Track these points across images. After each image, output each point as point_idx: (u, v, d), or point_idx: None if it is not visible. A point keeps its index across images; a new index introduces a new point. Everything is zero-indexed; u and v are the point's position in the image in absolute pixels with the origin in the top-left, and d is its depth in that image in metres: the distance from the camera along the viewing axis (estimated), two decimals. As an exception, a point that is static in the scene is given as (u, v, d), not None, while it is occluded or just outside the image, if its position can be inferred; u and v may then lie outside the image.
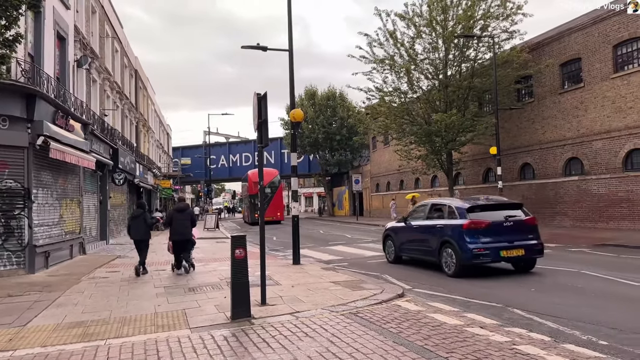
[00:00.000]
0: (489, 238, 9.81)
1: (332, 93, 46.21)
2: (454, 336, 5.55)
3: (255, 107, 7.72)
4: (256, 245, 14.86)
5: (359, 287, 8.72)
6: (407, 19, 23.52)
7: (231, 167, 58.18)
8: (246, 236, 7.17)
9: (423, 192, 34.45)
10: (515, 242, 9.88)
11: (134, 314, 7.30)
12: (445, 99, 23.68)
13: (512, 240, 9.89)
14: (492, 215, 10.18)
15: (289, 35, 13.16)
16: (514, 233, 9.99)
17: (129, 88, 28.98)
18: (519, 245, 9.87)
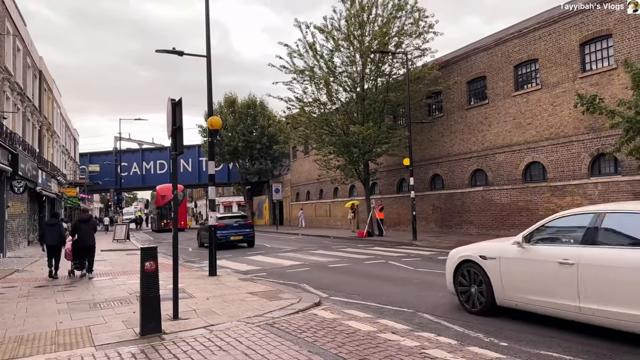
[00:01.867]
0: (226, 231, 20.85)
1: (253, 101, 45.93)
2: (367, 342, 5.68)
3: (169, 113, 7.48)
4: (170, 256, 14.32)
5: (276, 297, 8.67)
6: (326, 32, 24.02)
7: (144, 175, 55.68)
8: (157, 248, 6.89)
9: (341, 202, 35.13)
10: (239, 232, 21.49)
11: (32, 332, 6.75)
12: (363, 111, 24.40)
13: (237, 232, 21.44)
14: (229, 220, 21.86)
15: (207, 41, 12.93)
16: (238, 228, 21.64)
17: (32, 90, 26.96)
18: (240, 233, 21.58)
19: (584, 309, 5.67)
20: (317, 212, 39.56)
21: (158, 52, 14.26)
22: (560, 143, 19.20)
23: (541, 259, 6.29)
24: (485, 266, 7.11)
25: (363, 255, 16.32)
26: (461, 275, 7.59)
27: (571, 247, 6.02)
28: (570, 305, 5.84)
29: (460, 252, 7.85)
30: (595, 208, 6.25)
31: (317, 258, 15.99)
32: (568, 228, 6.43)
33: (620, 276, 5.33)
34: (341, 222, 35.03)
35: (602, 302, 5.48)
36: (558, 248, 6.20)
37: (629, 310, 5.19)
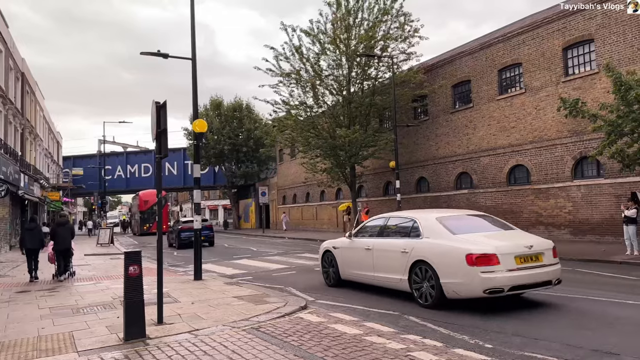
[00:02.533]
0: (190, 233, 22.27)
1: (239, 104, 45.80)
2: (353, 346, 5.67)
3: (153, 116, 7.42)
4: (154, 260, 14.19)
5: (262, 301, 8.63)
6: (313, 35, 24.08)
7: (129, 178, 55.12)
8: (141, 252, 6.82)
9: (328, 205, 35.15)
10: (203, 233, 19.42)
11: (13, 339, 6.63)
12: (349, 114, 24.47)
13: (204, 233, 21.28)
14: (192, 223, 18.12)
15: (192, 44, 12.86)
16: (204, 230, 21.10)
17: (14, 92, 26.57)
18: (205, 235, 22.63)
19: (376, 277, 9.06)
20: (303, 215, 39.52)
21: (143, 54, 14.14)
22: (544, 146, 19.45)
23: (358, 247, 9.61)
24: (334, 253, 10.41)
25: (349, 258, 16.31)
26: (324, 260, 10.86)
27: (371, 239, 9.40)
28: (369, 275, 9.22)
29: (324, 244, 11.09)
30: (387, 214, 10.18)
31: (304, 261, 15.95)
32: (373, 227, 9.77)
33: (387, 254, 8.74)
34: (328, 225, 35.04)
35: (381, 272, 8.89)
36: (366, 239, 9.52)
37: (388, 275, 8.69)
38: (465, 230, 8.11)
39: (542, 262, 7.58)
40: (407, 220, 9.02)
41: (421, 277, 7.97)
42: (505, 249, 7.41)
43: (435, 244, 7.91)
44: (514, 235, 8.29)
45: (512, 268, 7.27)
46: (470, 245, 7.45)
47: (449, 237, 7.85)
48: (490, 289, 7.14)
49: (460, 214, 9.36)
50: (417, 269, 8.03)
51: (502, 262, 7.22)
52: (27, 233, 13.70)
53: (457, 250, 7.47)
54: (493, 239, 7.80)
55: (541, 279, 7.52)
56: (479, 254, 7.23)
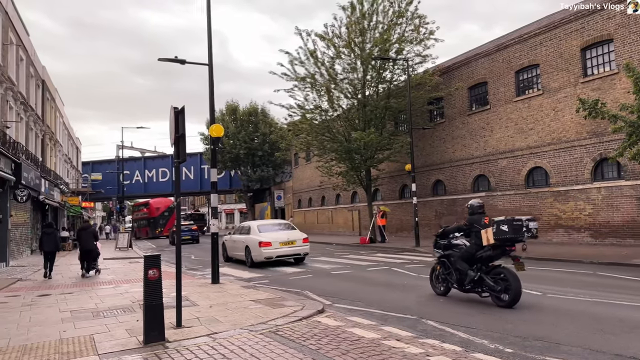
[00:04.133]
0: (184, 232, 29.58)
1: (254, 109, 46.03)
2: (371, 350, 5.65)
3: (172, 122, 7.49)
4: (173, 264, 14.32)
5: (279, 305, 8.65)
6: (327, 39, 24.11)
7: (147, 183, 55.73)
8: (160, 256, 6.89)
9: (343, 208, 35.11)
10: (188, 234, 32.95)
11: (36, 341, 6.73)
12: (364, 117, 24.44)
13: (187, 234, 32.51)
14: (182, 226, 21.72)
15: (209, 50, 12.98)
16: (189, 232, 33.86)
17: (35, 99, 27.09)
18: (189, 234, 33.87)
19: (236, 254, 17.39)
20: (319, 218, 39.52)
21: (160, 60, 14.32)
22: (563, 148, 19.19)
23: (235, 239, 17.73)
24: (225, 243, 18.72)
25: (366, 262, 16.28)
26: (222, 247, 18.58)
27: (235, 235, 18.04)
28: (236, 253, 17.43)
29: (224, 238, 18.90)
30: (244, 223, 19.69)
31: (320, 265, 15.95)
32: (237, 229, 18.93)
33: (239, 243, 17.11)
34: (343, 229, 34.99)
35: (238, 252, 17.16)
36: (235, 236, 17.94)
37: (240, 253, 16.95)
38: (265, 230, 16.62)
39: (295, 245, 16.11)
40: (247, 226, 17.77)
41: (247, 253, 16.34)
42: (276, 239, 15.91)
43: (251, 237, 16.39)
44: (287, 233, 16.63)
45: (277, 247, 15.77)
46: (261, 238, 15.92)
47: (257, 234, 16.16)
48: (267, 257, 15.64)
49: (269, 223, 18.57)
50: (246, 248, 16.41)
51: (273, 245, 15.72)
52: (45, 237, 15.34)
53: (257, 239, 15.92)
54: (273, 234, 16.19)
55: (293, 253, 16.15)
56: (262, 241, 15.78)
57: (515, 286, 7.81)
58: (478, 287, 8.47)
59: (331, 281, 12.16)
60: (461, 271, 8.65)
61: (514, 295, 7.82)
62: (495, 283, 8.10)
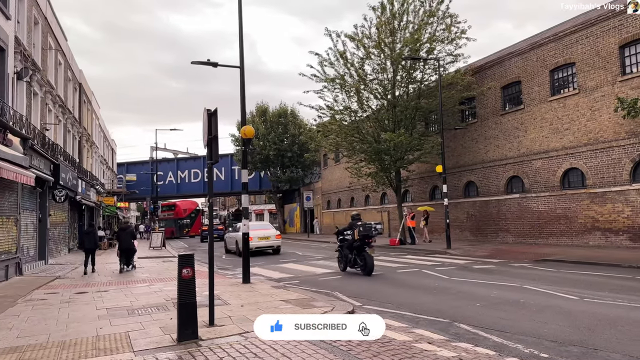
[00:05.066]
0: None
1: (284, 110, 46.33)
2: (402, 352, 5.61)
3: (205, 123, 7.61)
4: (204, 264, 14.55)
5: (309, 305, 8.68)
6: (357, 40, 24.06)
7: (179, 184, 56.79)
8: (194, 255, 7.01)
9: (372, 209, 34.96)
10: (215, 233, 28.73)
11: (74, 338, 6.94)
12: (394, 118, 24.28)
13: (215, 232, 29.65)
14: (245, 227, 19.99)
15: (240, 52, 13.14)
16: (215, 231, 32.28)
17: (72, 102, 27.95)
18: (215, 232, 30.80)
19: (231, 247, 23.53)
20: (347, 219, 39.38)
21: (194, 63, 14.56)
22: (600, 148, 18.63)
23: (231, 236, 24.20)
24: (225, 239, 26.00)
25: (395, 263, 16.17)
26: (224, 242, 26.22)
27: (234, 233, 23.26)
28: (231, 247, 23.57)
29: (225, 235, 27.35)
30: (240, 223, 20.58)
31: (350, 266, 15.90)
32: (236, 227, 24.30)
33: (233, 238, 22.69)
34: (373, 230, 34.78)
35: (232, 245, 23.12)
36: (233, 233, 23.87)
37: (234, 246, 22.51)
38: (254, 228, 21.28)
39: (270, 240, 21.94)
40: (239, 226, 21.05)
41: (237, 246, 20.74)
42: (256, 235, 20.80)
43: (239, 234, 17.92)
44: (265, 232, 22.04)
45: (257, 241, 21.00)
46: (250, 233, 14.86)
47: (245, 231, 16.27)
48: (250, 249, 15.04)
49: (255, 224, 24.91)
50: (236, 242, 20.91)
51: (254, 240, 20.18)
52: (85, 236, 17.23)
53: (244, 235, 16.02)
54: (255, 232, 20.74)
55: (268, 245, 21.94)
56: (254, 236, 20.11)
57: (369, 263, 13.06)
58: (355, 264, 13.59)
59: (360, 282, 12.13)
60: (346, 255, 13.96)
61: (369, 268, 13.02)
62: (361, 261, 13.34)
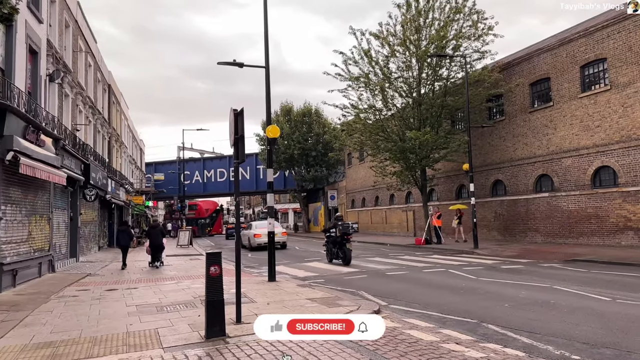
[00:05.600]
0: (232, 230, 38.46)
1: (308, 109, 46.41)
2: (430, 353, 5.57)
3: (231, 123, 7.69)
4: (230, 262, 14.70)
5: (335, 304, 8.68)
6: (382, 38, 23.91)
7: (206, 183, 57.50)
8: (221, 253, 7.09)
9: (397, 208, 34.75)
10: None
11: (105, 334, 7.11)
12: (419, 116, 24.07)
13: None
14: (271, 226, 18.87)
15: (266, 52, 13.22)
16: None
17: (102, 103, 28.58)
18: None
19: (250, 242, 25.93)
20: (372, 219, 39.32)
21: (220, 64, 14.71)
22: (633, 146, 18.10)
23: (244, 233, 26.77)
24: (243, 235, 26.40)
25: (421, 263, 16.04)
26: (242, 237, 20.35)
27: (246, 230, 27.67)
28: (247, 242, 26.40)
29: (244, 231, 27.31)
30: (252, 222, 29.84)
31: (374, 265, 15.87)
32: (249, 225, 28.60)
33: (246, 235, 26.80)
34: (398, 229, 34.62)
35: (246, 241, 26.65)
36: (245, 231, 27.70)
37: (245, 242, 26.56)
38: (259, 227, 25.63)
39: (276, 237, 16.62)
40: (250, 224, 28.43)
41: (247, 241, 26.19)
42: (264, 232, 20.21)
43: (250, 231, 26.20)
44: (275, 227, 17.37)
45: (264, 238, 19.88)
46: (256, 231, 25.42)
47: (254, 229, 24.88)
48: (259, 243, 24.04)
49: (263, 222, 25.79)
50: (248, 239, 26.07)
51: (262, 236, 23.19)
52: (120, 233, 18.55)
53: (253, 232, 25.51)
54: (263, 230, 22.89)
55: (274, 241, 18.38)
56: (256, 233, 25.25)
57: (348, 255, 16.10)
58: (338, 257, 16.54)
59: (386, 282, 12.08)
60: (331, 249, 17.01)
61: (347, 259, 16.06)
62: (342, 254, 16.27)
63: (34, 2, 14.99)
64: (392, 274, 13.48)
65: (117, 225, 32.73)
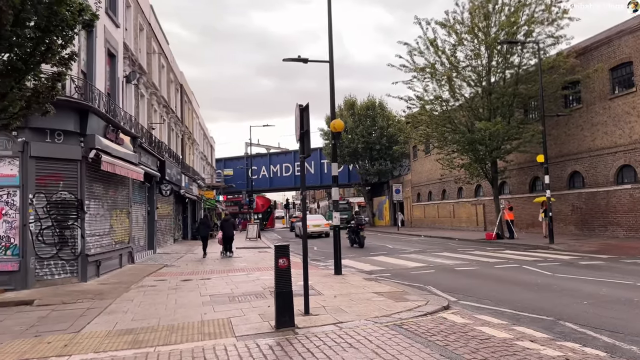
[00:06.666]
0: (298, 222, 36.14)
1: (372, 102, 46.10)
2: (503, 350, 5.39)
3: (297, 118, 7.80)
4: (296, 255, 14.95)
5: (402, 299, 8.61)
6: (448, 26, 23.25)
7: (272, 178, 58.84)
8: (289, 246, 7.22)
9: (466, 202, 33.80)
10: None
11: (181, 322, 7.46)
12: (489, 106, 23.21)
13: None
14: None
15: (330, 47, 13.26)
16: None
17: (174, 102, 29.87)
18: None
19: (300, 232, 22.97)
20: (439, 213, 38.48)
21: (285, 60, 14.94)
22: None
23: (297, 225, 35.11)
24: (295, 226, 38.12)
25: (493, 258, 15.51)
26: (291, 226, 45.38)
27: (299, 222, 34.20)
28: (298, 231, 33.72)
29: (296, 223, 37.02)
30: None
31: (442, 260, 15.54)
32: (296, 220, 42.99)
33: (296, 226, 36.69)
34: (466, 224, 33.67)
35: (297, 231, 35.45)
36: (298, 223, 35.26)
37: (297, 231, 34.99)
38: (311, 219, 32.09)
39: (320, 227, 31.28)
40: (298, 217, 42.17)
41: (299, 230, 31.61)
42: (312, 223, 30.93)
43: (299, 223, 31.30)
44: (318, 221, 32.47)
45: (312, 228, 30.46)
46: (310, 222, 30.51)
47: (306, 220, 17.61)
48: (310, 233, 30.06)
49: (314, 216, 37.00)
50: (299, 228, 31.69)
51: (311, 227, 30.28)
52: (201, 225, 21.04)
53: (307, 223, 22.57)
54: (311, 221, 31.18)
55: (319, 231, 31.13)
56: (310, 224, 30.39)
57: (362, 240, 21.43)
58: (355, 242, 21.67)
59: (455, 277, 11.80)
60: (351, 236, 22.19)
61: (361, 242, 21.33)
62: (358, 239, 21.51)
63: (112, 8, 15.92)
64: (461, 269, 13.15)
65: (191, 219, 34.64)
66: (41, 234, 11.61)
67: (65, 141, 12.06)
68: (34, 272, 11.40)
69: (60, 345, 6.38)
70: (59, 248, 11.95)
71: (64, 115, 11.68)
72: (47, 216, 11.77)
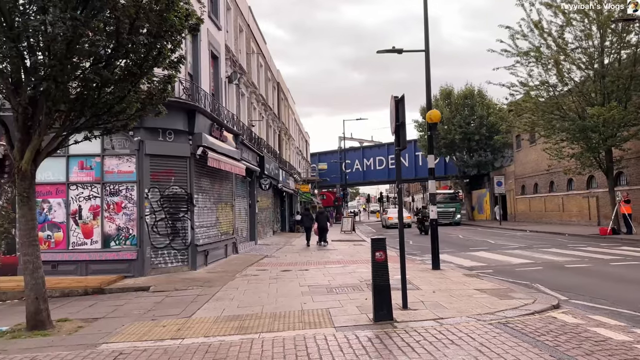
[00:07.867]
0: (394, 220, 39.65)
1: (470, 91, 44.22)
2: (622, 354, 4.96)
3: (392, 111, 7.71)
4: (393, 248, 14.85)
5: (507, 296, 8.22)
6: (554, 6, 21.63)
7: (365, 171, 58.77)
8: (385, 239, 7.20)
9: (577, 195, 31.39)
10: None
11: (282, 310, 7.75)
12: (602, 90, 21.30)
13: None
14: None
15: (425, 35, 12.95)
16: None
17: (272, 100, 30.91)
18: None
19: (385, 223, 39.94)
20: (546, 206, 36.06)
21: (379, 52, 14.85)
22: None
23: (384, 217, 41.99)
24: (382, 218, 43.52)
25: (608, 255, 14.28)
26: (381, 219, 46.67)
27: (384, 215, 43.18)
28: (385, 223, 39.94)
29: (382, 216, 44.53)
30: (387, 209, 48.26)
31: (550, 257, 14.57)
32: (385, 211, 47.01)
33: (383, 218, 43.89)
34: (577, 218, 31.26)
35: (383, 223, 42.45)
36: (383, 215, 43.93)
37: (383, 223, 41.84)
38: (392, 212, 38.67)
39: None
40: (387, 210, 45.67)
41: (383, 222, 40.83)
42: (395, 216, 33.96)
43: (385, 215, 40.94)
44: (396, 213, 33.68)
45: (394, 220, 35.31)
46: (389, 214, 39.05)
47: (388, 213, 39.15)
48: (390, 224, 37.00)
49: (392, 210, 41.42)
50: (384, 219, 40.70)
51: (393, 219, 36.47)
52: (304, 217, 23.44)
53: (387, 216, 39.47)
54: (393, 214, 37.13)
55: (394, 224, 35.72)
56: (389, 216, 38.71)
57: (426, 229, 26.27)
58: (422, 231, 27.73)
59: (565, 275, 11.03)
60: (419, 226, 29.33)
61: (425, 230, 26.57)
62: (423, 228, 27.56)
63: (214, 11, 16.81)
64: (571, 267, 12.26)
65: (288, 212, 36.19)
66: (155, 225, 12.62)
67: (175, 139, 12.98)
68: (150, 261, 12.43)
69: (174, 329, 6.91)
70: (171, 239, 12.91)
71: (174, 115, 12.54)
72: (161, 209, 12.76)
